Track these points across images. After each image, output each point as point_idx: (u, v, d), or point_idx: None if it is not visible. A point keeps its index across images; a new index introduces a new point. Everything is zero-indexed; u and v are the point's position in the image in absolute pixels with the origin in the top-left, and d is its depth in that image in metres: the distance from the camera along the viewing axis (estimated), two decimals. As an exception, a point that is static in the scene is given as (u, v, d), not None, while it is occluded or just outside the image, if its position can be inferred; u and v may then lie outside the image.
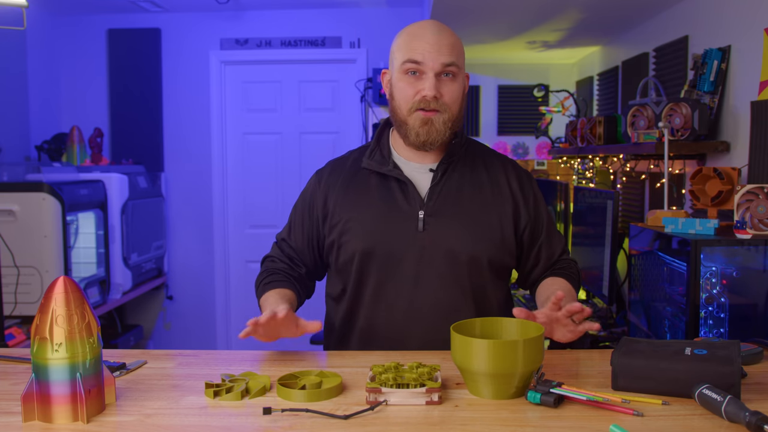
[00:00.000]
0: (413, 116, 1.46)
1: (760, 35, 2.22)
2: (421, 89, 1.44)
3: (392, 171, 1.52)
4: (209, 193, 4.58)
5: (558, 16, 3.31)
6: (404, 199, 1.51)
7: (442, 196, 1.50)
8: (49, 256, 2.98)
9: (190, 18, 4.48)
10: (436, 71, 1.43)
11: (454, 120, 1.48)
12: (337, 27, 4.48)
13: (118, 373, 1.30)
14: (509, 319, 1.28)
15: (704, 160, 2.61)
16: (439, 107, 1.44)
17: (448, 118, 1.46)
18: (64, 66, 4.49)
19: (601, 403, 1.09)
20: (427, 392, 1.12)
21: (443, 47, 1.43)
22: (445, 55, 1.43)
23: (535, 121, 4.53)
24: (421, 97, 1.44)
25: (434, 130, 1.45)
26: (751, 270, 1.84)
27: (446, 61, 1.43)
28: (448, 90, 1.45)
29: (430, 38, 1.44)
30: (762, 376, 1.28)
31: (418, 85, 1.45)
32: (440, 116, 1.45)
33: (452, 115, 1.47)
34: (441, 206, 1.50)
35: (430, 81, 1.43)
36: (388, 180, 1.53)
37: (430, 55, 1.43)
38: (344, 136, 4.51)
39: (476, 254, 1.49)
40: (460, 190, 1.52)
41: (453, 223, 1.49)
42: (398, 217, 1.49)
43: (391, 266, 1.49)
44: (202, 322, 4.63)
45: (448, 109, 1.46)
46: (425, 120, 1.45)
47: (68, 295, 1.06)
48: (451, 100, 1.46)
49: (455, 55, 1.45)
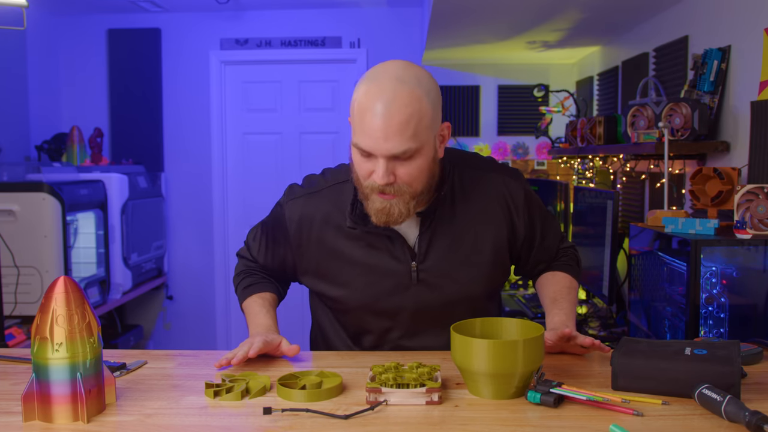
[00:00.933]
0: (373, 197, 1.32)
1: (760, 35, 2.22)
2: (373, 171, 1.30)
3: (377, 228, 1.39)
4: (209, 193, 4.58)
5: (558, 16, 3.31)
6: (394, 252, 1.42)
7: (433, 243, 1.42)
8: (49, 256, 2.98)
9: (190, 18, 4.48)
10: (387, 157, 1.26)
11: (419, 195, 1.34)
12: (337, 27, 4.48)
13: (118, 373, 1.30)
14: (509, 319, 1.28)
15: (704, 160, 2.61)
16: (396, 191, 1.30)
17: (410, 197, 1.31)
18: (64, 66, 4.49)
19: (601, 403, 1.09)
20: (427, 392, 1.12)
21: (392, 133, 1.24)
22: (394, 143, 1.24)
23: (535, 121, 4.53)
24: (373, 180, 1.30)
25: (394, 213, 1.32)
26: (751, 270, 1.84)
27: (396, 151, 1.25)
28: (405, 170, 1.28)
29: (379, 120, 1.24)
30: (762, 376, 1.28)
31: (370, 166, 1.30)
32: (399, 200, 1.31)
33: (414, 192, 1.32)
34: (432, 253, 1.43)
35: (381, 168, 1.27)
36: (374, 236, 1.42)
37: (377, 142, 1.25)
38: (344, 136, 4.51)
39: (473, 293, 1.47)
40: (450, 231, 1.43)
41: (447, 267, 1.43)
42: (390, 272, 1.42)
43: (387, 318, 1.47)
44: (202, 322, 4.63)
45: (408, 188, 1.30)
46: (382, 207, 1.32)
47: (68, 295, 1.06)
48: (410, 180, 1.30)
49: (408, 136, 1.24)
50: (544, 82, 4.72)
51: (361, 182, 1.34)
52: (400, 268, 1.43)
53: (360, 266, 1.44)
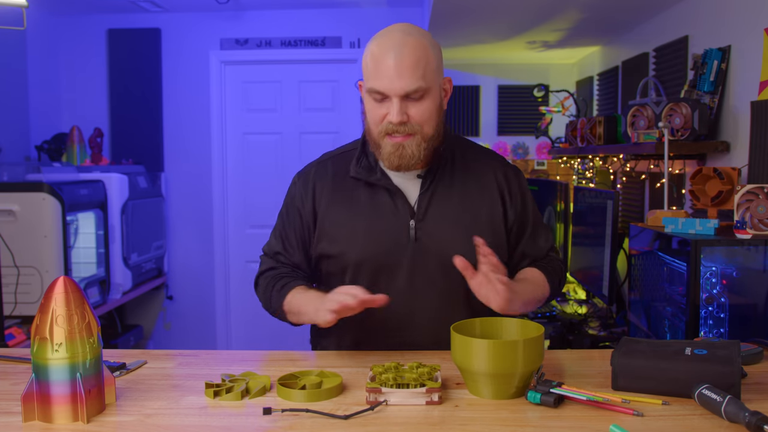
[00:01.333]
0: (384, 141, 1.41)
1: (760, 35, 2.22)
2: (386, 114, 1.39)
3: (380, 180, 1.48)
4: (209, 193, 4.58)
5: (558, 16, 3.31)
6: (394, 208, 1.48)
7: (432, 203, 1.48)
8: (49, 256, 2.98)
9: (190, 18, 4.48)
10: (400, 96, 1.37)
11: (430, 138, 1.42)
12: (337, 27, 4.48)
13: (118, 373, 1.30)
14: (509, 319, 1.28)
15: (704, 160, 2.61)
16: (409, 130, 1.39)
17: (422, 138, 1.40)
18: (64, 66, 4.49)
19: (601, 403, 1.09)
20: (427, 392, 1.12)
21: (405, 72, 1.35)
22: (408, 81, 1.36)
23: (535, 121, 4.53)
24: (388, 121, 1.39)
25: (407, 154, 1.40)
26: (751, 270, 1.84)
27: (410, 88, 1.36)
28: (417, 111, 1.39)
29: (392, 61, 1.36)
30: (762, 376, 1.28)
31: (383, 110, 1.40)
32: (412, 140, 1.40)
33: (426, 134, 1.41)
34: (431, 214, 1.47)
35: (395, 106, 1.37)
36: (377, 189, 1.50)
37: (391, 82, 1.36)
38: (344, 136, 4.51)
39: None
40: (449, 195, 1.49)
41: (445, 230, 1.47)
42: (389, 227, 1.47)
43: (383, 277, 1.47)
44: (202, 322, 4.63)
45: (420, 130, 1.40)
46: (395, 146, 1.40)
47: (68, 295, 1.06)
48: (422, 120, 1.40)
49: (419, 76, 1.36)
50: (544, 82, 4.72)
51: (373, 130, 1.43)
52: (399, 224, 1.47)
53: (361, 220, 1.48)
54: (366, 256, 1.47)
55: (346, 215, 1.50)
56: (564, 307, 3.22)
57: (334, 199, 1.51)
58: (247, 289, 4.63)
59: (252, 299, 4.86)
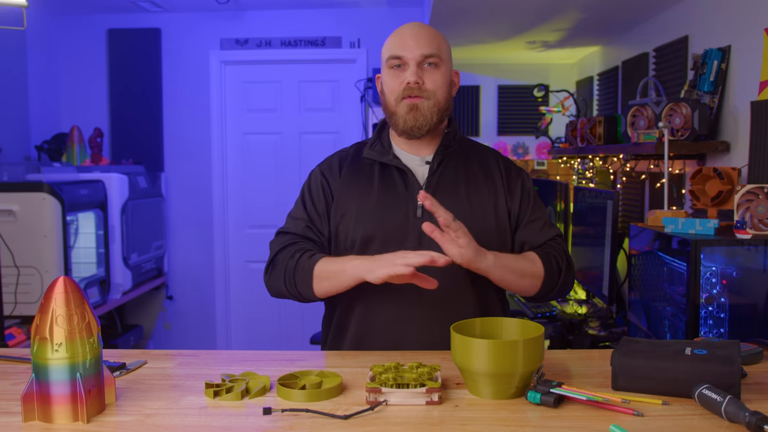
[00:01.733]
0: (400, 105, 1.52)
1: (760, 35, 2.22)
2: (404, 78, 1.51)
3: (392, 160, 1.57)
4: (209, 193, 4.58)
5: (558, 16, 3.31)
6: (404, 186, 1.56)
7: (440, 185, 1.56)
8: (49, 256, 2.98)
9: (190, 18, 4.48)
10: (417, 61, 1.50)
11: (441, 107, 1.53)
12: (337, 27, 4.48)
13: (118, 373, 1.30)
14: (509, 319, 1.28)
15: (704, 160, 2.61)
16: (422, 93, 1.51)
17: (434, 104, 1.52)
18: (64, 66, 4.49)
19: (601, 403, 1.09)
20: (427, 392, 1.12)
21: (422, 39, 1.51)
22: (424, 47, 1.50)
23: (535, 121, 4.53)
24: (405, 84, 1.50)
25: (420, 115, 1.51)
26: (751, 270, 1.84)
27: (426, 52, 1.50)
28: (430, 78, 1.51)
29: (409, 33, 1.52)
30: (762, 376, 1.28)
31: (401, 77, 1.52)
32: (425, 102, 1.51)
33: (437, 101, 1.52)
34: (438, 194, 1.53)
35: (411, 68, 1.50)
36: (389, 169, 1.58)
37: (409, 47, 1.51)
38: (344, 136, 4.51)
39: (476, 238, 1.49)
40: (456, 180, 1.57)
41: (450, 208, 1.47)
42: (397, 203, 1.54)
43: (389, 250, 1.48)
44: (202, 322, 4.63)
45: (433, 96, 1.52)
46: (411, 106, 1.51)
47: (68, 295, 1.06)
48: (435, 87, 1.51)
49: (435, 47, 1.52)
50: (544, 82, 4.72)
51: (390, 99, 1.54)
52: (408, 200, 1.54)
53: (372, 195, 1.56)
54: (374, 230, 1.52)
55: (357, 191, 1.58)
56: (564, 307, 3.22)
57: (350, 177, 1.60)
58: (247, 289, 4.64)
59: (252, 299, 4.85)
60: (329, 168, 1.64)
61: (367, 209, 1.54)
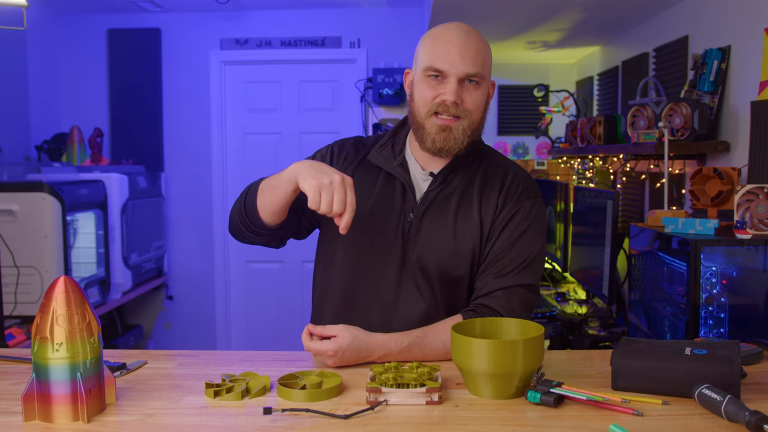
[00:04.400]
0: (430, 120, 1.41)
1: (760, 35, 2.22)
2: (441, 93, 1.39)
3: (393, 169, 1.49)
4: (209, 193, 4.58)
5: (558, 16, 3.31)
6: (402, 198, 1.48)
7: (433, 205, 1.46)
8: (49, 256, 2.98)
9: (190, 18, 4.48)
10: (459, 78, 1.38)
11: (475, 128, 1.42)
12: (337, 27, 4.48)
13: (118, 373, 1.30)
14: (509, 319, 1.28)
15: (704, 160, 2.61)
16: (459, 113, 1.39)
17: (468, 126, 1.41)
18: (64, 66, 4.49)
19: (601, 403, 1.09)
20: (427, 392, 1.12)
21: (468, 55, 1.38)
22: (470, 64, 1.38)
23: (535, 121, 4.53)
24: (441, 101, 1.38)
25: (452, 137, 1.40)
26: (751, 270, 1.84)
27: (471, 71, 1.38)
28: (470, 96, 1.40)
29: (456, 43, 1.38)
30: (762, 376, 1.28)
31: (439, 89, 1.40)
32: (460, 123, 1.40)
33: (473, 122, 1.41)
34: (428, 214, 1.46)
35: (451, 85, 1.38)
36: (388, 177, 1.50)
37: (453, 62, 1.37)
38: (344, 136, 4.50)
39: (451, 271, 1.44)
40: (449, 201, 1.46)
41: (435, 233, 1.45)
42: (389, 217, 1.47)
43: (371, 266, 1.47)
44: (202, 322, 4.63)
45: (470, 116, 1.40)
46: (443, 127, 1.40)
47: (69, 295, 1.06)
48: (474, 107, 1.40)
49: (480, 64, 1.39)
50: (544, 82, 4.72)
51: (421, 110, 1.42)
52: (399, 214, 1.46)
53: (371, 200, 1.48)
54: (363, 237, 1.46)
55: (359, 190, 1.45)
56: (564, 307, 3.22)
57: (354, 174, 1.50)
58: (247, 290, 4.64)
59: (252, 300, 4.84)
60: (341, 151, 1.57)
61: (362, 213, 1.45)
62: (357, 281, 1.49)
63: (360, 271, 1.48)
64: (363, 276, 1.48)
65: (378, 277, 1.47)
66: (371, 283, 1.48)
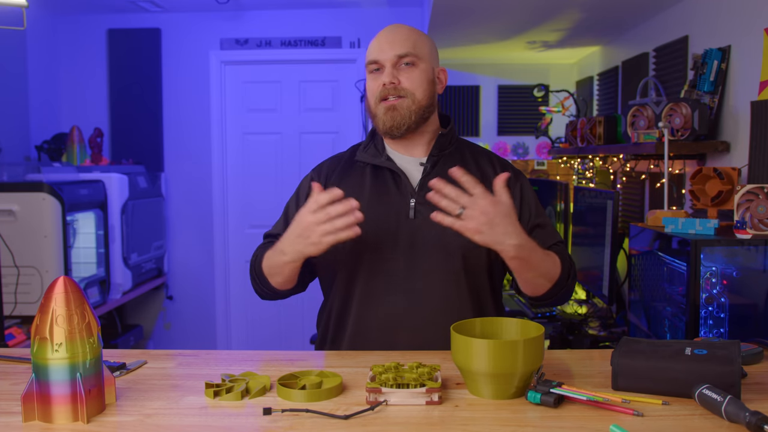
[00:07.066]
0: (379, 107, 1.52)
1: (760, 35, 2.22)
2: (381, 81, 1.52)
3: (385, 162, 1.56)
4: (209, 193, 4.58)
5: (558, 16, 3.31)
6: (396, 188, 1.54)
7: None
8: (49, 256, 2.98)
9: (190, 18, 4.48)
10: (392, 62, 1.51)
11: (421, 105, 1.52)
12: (337, 27, 4.48)
13: (118, 373, 1.30)
14: (509, 319, 1.28)
15: (704, 160, 2.61)
16: (400, 93, 1.50)
17: (413, 103, 1.51)
18: (64, 66, 4.49)
19: (601, 403, 1.09)
20: (427, 392, 1.12)
21: (396, 40, 1.52)
22: (397, 47, 1.51)
23: (535, 121, 4.53)
24: (381, 86, 1.51)
25: (398, 114, 1.50)
26: (751, 270, 1.84)
27: (399, 52, 1.50)
28: (407, 77, 1.51)
29: (384, 36, 1.54)
30: (762, 376, 1.28)
31: (379, 79, 1.52)
32: (403, 102, 1.50)
33: (417, 100, 1.51)
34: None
35: (387, 70, 1.51)
36: (382, 171, 1.57)
37: (383, 50, 1.51)
38: (344, 136, 4.51)
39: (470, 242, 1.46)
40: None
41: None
42: (390, 206, 1.52)
43: (382, 254, 1.50)
44: (202, 322, 4.63)
45: (411, 94, 1.50)
46: (388, 107, 1.51)
47: (68, 295, 1.06)
48: (412, 86, 1.51)
49: (410, 46, 1.51)
50: (544, 82, 4.72)
51: (371, 102, 1.55)
52: (401, 199, 1.53)
53: (364, 197, 1.53)
54: (366, 231, 1.46)
55: (350, 193, 1.51)
56: (564, 307, 3.22)
57: (341, 180, 1.59)
58: (247, 289, 4.62)
59: (252, 299, 4.87)
60: (318, 172, 1.65)
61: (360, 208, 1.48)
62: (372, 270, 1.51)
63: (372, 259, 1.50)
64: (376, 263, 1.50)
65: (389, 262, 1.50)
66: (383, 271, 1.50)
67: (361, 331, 1.52)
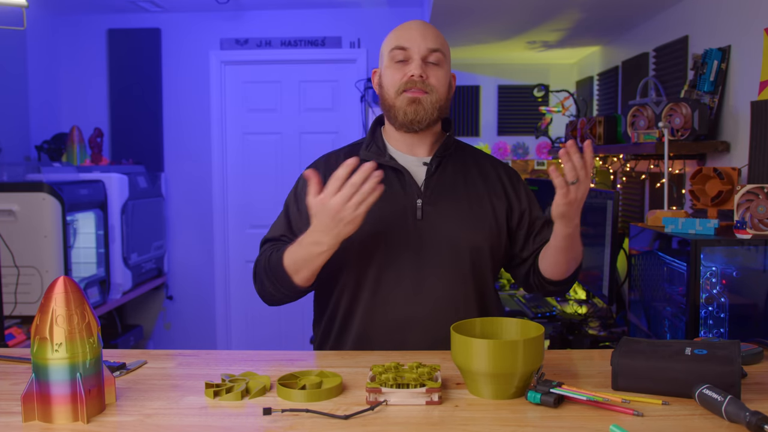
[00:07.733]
0: (400, 98, 1.50)
1: (760, 35, 2.22)
2: (408, 71, 1.49)
3: (389, 161, 1.54)
4: (209, 193, 4.58)
5: (558, 16, 3.31)
6: (401, 188, 1.52)
7: (438, 187, 1.53)
8: (49, 256, 2.98)
9: (190, 18, 4.48)
10: (422, 55, 1.49)
11: (442, 104, 1.52)
12: (337, 27, 4.48)
13: (118, 373, 1.30)
14: (509, 319, 1.28)
15: (704, 160, 2.61)
16: (426, 88, 1.49)
17: (436, 100, 1.50)
18: (64, 66, 4.49)
19: (601, 403, 1.09)
20: (427, 392, 1.12)
21: (428, 35, 1.50)
22: (431, 42, 1.50)
23: (535, 121, 4.53)
24: (408, 77, 1.48)
25: (422, 108, 1.49)
26: (751, 270, 1.84)
27: (432, 46, 1.49)
28: (434, 74, 1.50)
29: (416, 27, 1.51)
30: (762, 376, 1.28)
31: (405, 70, 1.50)
32: (428, 97, 1.49)
33: (439, 97, 1.51)
34: (438, 196, 1.52)
35: (416, 62, 1.49)
36: (385, 170, 1.52)
37: (415, 41, 1.49)
38: (344, 136, 4.51)
39: (477, 242, 1.51)
40: (454, 182, 1.56)
41: (451, 212, 1.52)
42: (396, 205, 1.51)
43: (390, 255, 1.49)
44: (202, 322, 4.63)
45: (435, 91, 1.50)
46: (413, 99, 1.49)
47: (68, 295, 1.06)
48: (438, 83, 1.50)
49: (440, 44, 1.51)
50: (544, 82, 4.72)
51: (390, 92, 1.51)
52: (407, 200, 1.51)
53: None
54: (375, 231, 1.49)
55: None
56: (564, 307, 3.21)
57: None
58: (247, 289, 4.63)
59: (252, 299, 4.86)
60: (321, 168, 1.59)
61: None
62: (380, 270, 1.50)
63: (379, 259, 1.50)
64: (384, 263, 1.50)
65: (397, 261, 1.49)
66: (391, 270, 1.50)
67: (368, 330, 1.51)
